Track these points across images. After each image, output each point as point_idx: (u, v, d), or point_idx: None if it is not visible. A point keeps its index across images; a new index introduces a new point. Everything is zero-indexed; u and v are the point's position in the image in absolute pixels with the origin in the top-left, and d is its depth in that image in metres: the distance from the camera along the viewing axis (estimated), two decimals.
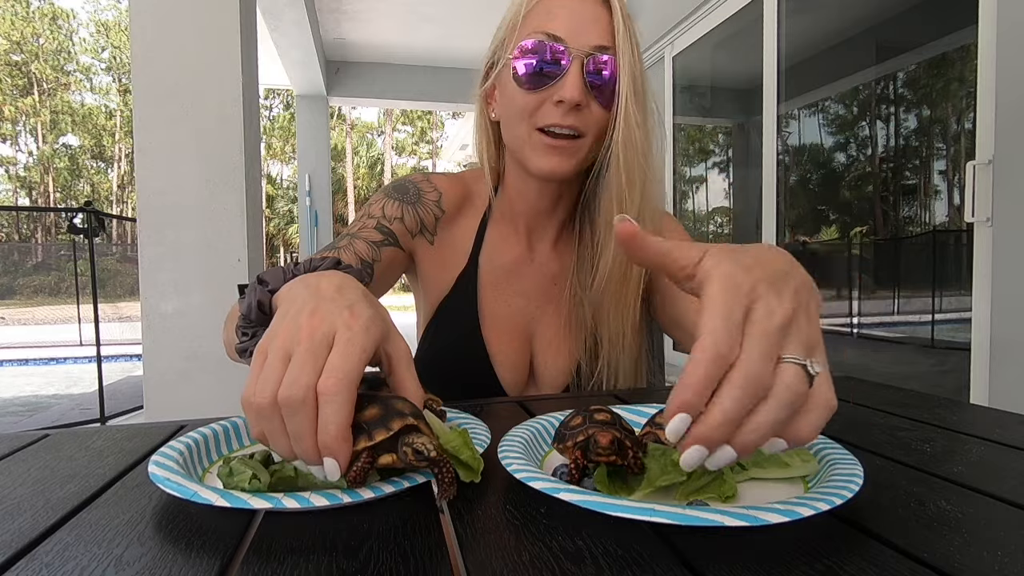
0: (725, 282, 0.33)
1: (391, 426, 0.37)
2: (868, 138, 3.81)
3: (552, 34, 0.70)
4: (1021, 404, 1.86)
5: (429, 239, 0.84)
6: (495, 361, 0.83)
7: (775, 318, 0.32)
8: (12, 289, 15.90)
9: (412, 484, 0.39)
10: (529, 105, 0.72)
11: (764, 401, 0.31)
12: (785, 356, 0.31)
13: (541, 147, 0.72)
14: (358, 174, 30.47)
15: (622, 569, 0.30)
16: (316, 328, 0.37)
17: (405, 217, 0.81)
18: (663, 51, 4.32)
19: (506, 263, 0.85)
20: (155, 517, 0.38)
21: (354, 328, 0.38)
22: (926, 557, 0.31)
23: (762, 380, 0.31)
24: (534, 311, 0.85)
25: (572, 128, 0.71)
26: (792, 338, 0.32)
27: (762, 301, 0.32)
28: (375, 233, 0.78)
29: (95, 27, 29.27)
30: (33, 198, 29.49)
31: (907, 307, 3.40)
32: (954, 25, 2.68)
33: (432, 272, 0.85)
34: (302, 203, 7.54)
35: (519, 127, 0.74)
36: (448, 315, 0.85)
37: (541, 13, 0.72)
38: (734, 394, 0.30)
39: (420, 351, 0.87)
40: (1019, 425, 0.58)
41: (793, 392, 0.31)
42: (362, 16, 5.87)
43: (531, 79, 0.71)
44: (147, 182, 1.98)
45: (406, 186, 0.83)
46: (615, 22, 0.71)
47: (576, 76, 0.69)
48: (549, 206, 0.83)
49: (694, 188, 4.97)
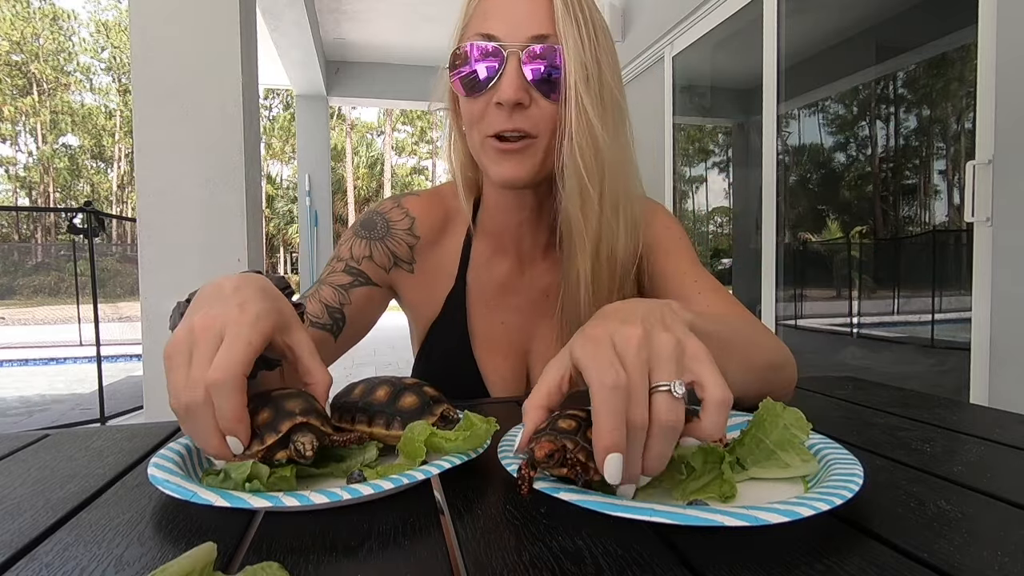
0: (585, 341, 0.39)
1: (280, 428, 0.41)
2: (868, 138, 3.81)
3: (486, 34, 0.65)
4: (1021, 404, 1.86)
5: (408, 268, 0.80)
6: (488, 380, 0.81)
7: (632, 341, 0.37)
8: (12, 289, 15.90)
9: (412, 481, 0.39)
10: (475, 112, 0.67)
11: (650, 436, 0.36)
12: (654, 384, 0.36)
13: (494, 154, 0.67)
14: (358, 174, 30.47)
15: (622, 569, 0.30)
16: (207, 328, 0.41)
17: (374, 254, 0.78)
18: (663, 51, 4.32)
19: (497, 279, 0.81)
20: (155, 517, 0.38)
21: (241, 323, 0.42)
22: (926, 557, 0.31)
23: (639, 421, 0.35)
24: (528, 327, 0.82)
25: (519, 130, 0.65)
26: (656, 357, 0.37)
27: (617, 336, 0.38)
28: (343, 276, 0.76)
29: (95, 27, 29.28)
30: (33, 198, 29.50)
31: (907, 307, 3.40)
32: (954, 25, 2.68)
33: (418, 298, 0.82)
34: (302, 203, 7.54)
35: (472, 136, 0.70)
36: (438, 337, 0.82)
37: (479, 16, 0.68)
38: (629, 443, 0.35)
39: (414, 374, 0.85)
40: (1019, 425, 0.58)
41: (669, 424, 0.36)
42: (362, 16, 5.87)
43: (469, 85, 0.67)
44: (147, 182, 1.98)
45: (373, 220, 0.79)
46: (555, 5, 0.64)
47: (512, 74, 0.63)
48: (531, 216, 0.77)
49: (694, 188, 4.97)
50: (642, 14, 4.52)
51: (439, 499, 0.40)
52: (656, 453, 0.36)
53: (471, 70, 0.66)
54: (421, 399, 0.49)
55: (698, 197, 5.04)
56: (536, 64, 0.64)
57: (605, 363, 0.36)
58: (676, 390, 0.36)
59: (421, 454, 0.43)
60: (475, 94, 0.67)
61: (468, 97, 0.68)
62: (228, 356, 0.40)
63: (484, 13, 0.67)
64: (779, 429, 0.43)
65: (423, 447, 0.43)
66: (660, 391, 0.36)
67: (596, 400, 0.35)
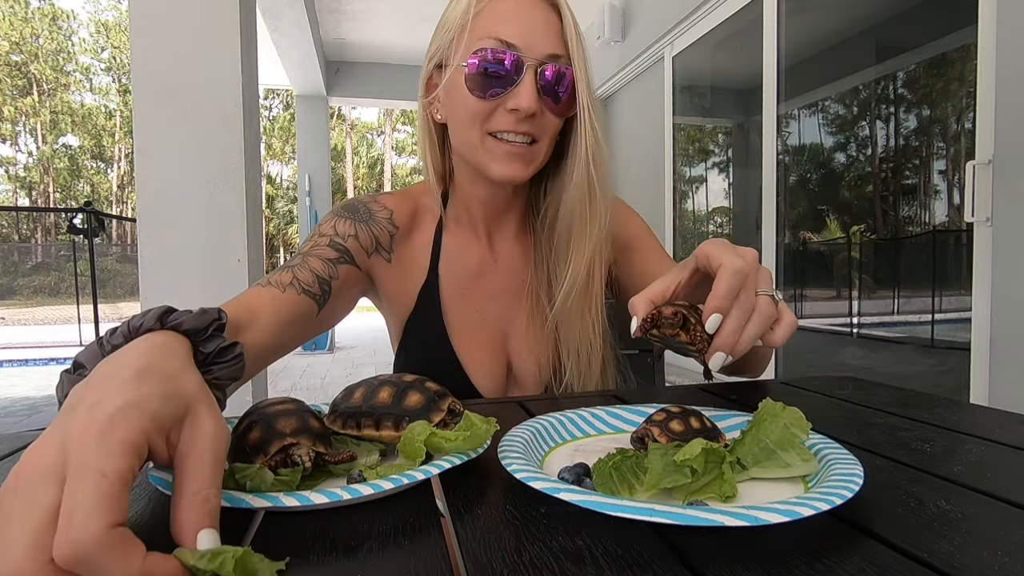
0: (718, 246, 0.53)
1: (268, 450, 0.42)
2: (868, 138, 3.81)
3: (506, 40, 0.70)
4: (1021, 404, 1.86)
5: (386, 257, 0.82)
6: (468, 369, 0.82)
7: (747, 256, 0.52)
8: (12, 289, 15.90)
9: (412, 481, 0.39)
10: (482, 111, 0.72)
11: (750, 320, 0.50)
12: (759, 290, 0.51)
13: (500, 153, 0.72)
14: (358, 174, 30.47)
15: (622, 569, 0.30)
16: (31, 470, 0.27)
17: (359, 235, 0.79)
18: (663, 51, 4.32)
19: (470, 268, 0.84)
20: (155, 517, 0.38)
21: (85, 442, 0.27)
22: (926, 557, 0.31)
23: (747, 303, 0.50)
24: (505, 312, 0.85)
25: (527, 135, 0.72)
26: (762, 273, 0.52)
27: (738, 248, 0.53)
28: (329, 251, 0.76)
29: (95, 27, 29.29)
30: (33, 198, 29.49)
31: (907, 307, 3.40)
32: (954, 25, 2.68)
33: (394, 291, 0.84)
34: (302, 203, 7.54)
35: (470, 132, 0.73)
36: (416, 331, 0.84)
37: (491, 16, 0.71)
38: (735, 313, 0.50)
39: (395, 370, 0.86)
40: (1019, 425, 0.58)
41: (767, 314, 0.51)
42: (362, 16, 5.87)
43: (485, 86, 0.70)
44: (147, 182, 1.98)
45: (356, 206, 0.82)
46: (567, 30, 0.72)
47: (530, 85, 0.70)
48: (503, 206, 0.84)
49: (694, 188, 4.97)
50: (642, 14, 4.52)
51: (439, 499, 0.40)
52: (750, 332, 0.50)
53: (489, 72, 0.70)
54: (426, 396, 0.48)
55: (698, 197, 5.03)
56: (548, 80, 0.71)
57: (733, 255, 0.51)
58: (776, 296, 0.52)
59: (421, 454, 0.43)
60: (488, 95, 0.70)
61: (477, 96, 0.71)
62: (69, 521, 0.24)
63: (498, 16, 0.71)
64: (779, 429, 0.43)
65: (423, 447, 0.43)
66: (764, 294, 0.51)
67: (721, 276, 0.49)
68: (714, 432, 0.47)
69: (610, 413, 0.57)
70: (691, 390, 0.75)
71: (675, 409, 0.48)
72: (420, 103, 0.81)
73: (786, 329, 0.52)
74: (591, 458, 0.45)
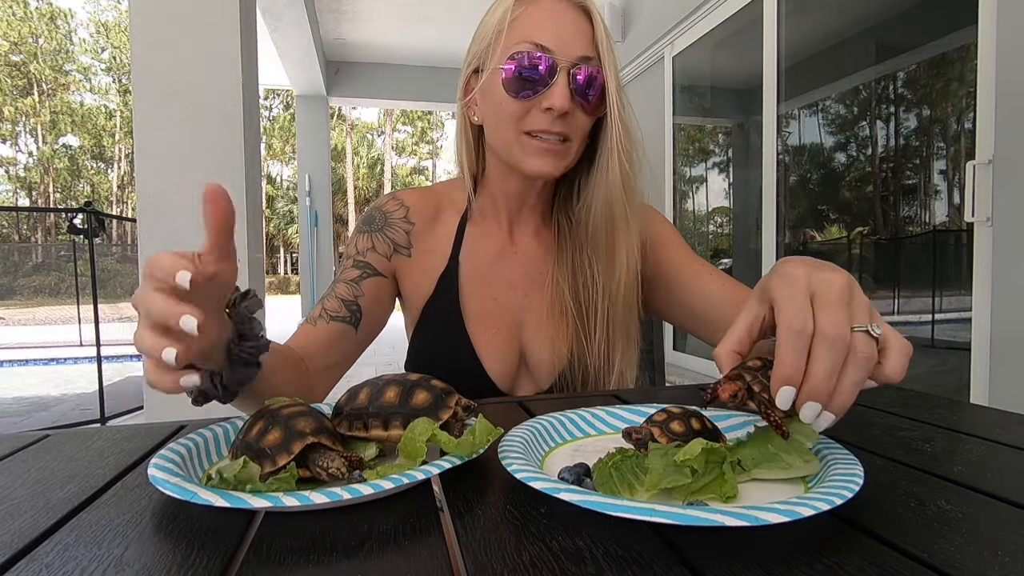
0: (783, 280, 0.43)
1: (292, 449, 0.41)
2: (868, 138, 3.81)
3: (540, 44, 0.74)
4: (1021, 404, 1.86)
5: (406, 254, 0.86)
6: (481, 354, 0.84)
7: (834, 286, 0.41)
8: (12, 289, 15.89)
9: (412, 481, 0.39)
10: (518, 111, 0.76)
11: (845, 366, 0.40)
12: (854, 326, 0.40)
13: (535, 150, 0.76)
14: (358, 174, 30.48)
15: (622, 569, 0.30)
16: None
17: (376, 245, 0.85)
18: (663, 51, 4.32)
19: (490, 255, 0.88)
20: (155, 517, 0.38)
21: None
22: (926, 557, 0.31)
23: (840, 340, 0.39)
24: (522, 300, 0.87)
25: (560, 133, 0.76)
26: (854, 305, 0.41)
27: (817, 278, 0.42)
28: (353, 271, 0.83)
29: (95, 27, 29.28)
30: (33, 198, 29.50)
31: (907, 307, 3.40)
32: (954, 25, 2.68)
33: (414, 281, 0.87)
34: (302, 203, 7.55)
35: (506, 131, 0.78)
36: (432, 315, 0.86)
37: (526, 22, 0.76)
38: (823, 355, 0.39)
39: (409, 355, 0.89)
40: (1019, 425, 0.58)
41: (865, 356, 0.40)
42: (362, 16, 5.88)
43: (521, 87, 0.74)
44: (147, 182, 1.98)
45: (373, 215, 0.87)
46: (598, 34, 0.77)
47: (564, 86, 0.73)
48: (530, 201, 0.87)
49: (694, 188, 4.97)
50: (642, 14, 4.52)
51: (439, 499, 0.40)
52: (850, 380, 0.40)
53: (525, 74, 0.74)
54: (432, 394, 0.48)
55: (698, 197, 5.04)
56: (581, 81, 0.75)
57: (796, 307, 0.41)
58: (873, 331, 0.41)
59: (421, 454, 0.43)
60: (523, 96, 0.75)
61: (513, 97, 0.75)
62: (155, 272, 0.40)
63: (533, 22, 0.76)
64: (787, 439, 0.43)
65: (424, 447, 0.43)
66: (858, 331, 0.40)
67: (781, 338, 0.40)
68: (715, 433, 0.47)
69: (610, 413, 0.57)
70: (691, 390, 0.75)
71: (676, 410, 0.48)
72: (458, 106, 0.85)
73: (898, 359, 0.41)
74: (591, 458, 0.45)
